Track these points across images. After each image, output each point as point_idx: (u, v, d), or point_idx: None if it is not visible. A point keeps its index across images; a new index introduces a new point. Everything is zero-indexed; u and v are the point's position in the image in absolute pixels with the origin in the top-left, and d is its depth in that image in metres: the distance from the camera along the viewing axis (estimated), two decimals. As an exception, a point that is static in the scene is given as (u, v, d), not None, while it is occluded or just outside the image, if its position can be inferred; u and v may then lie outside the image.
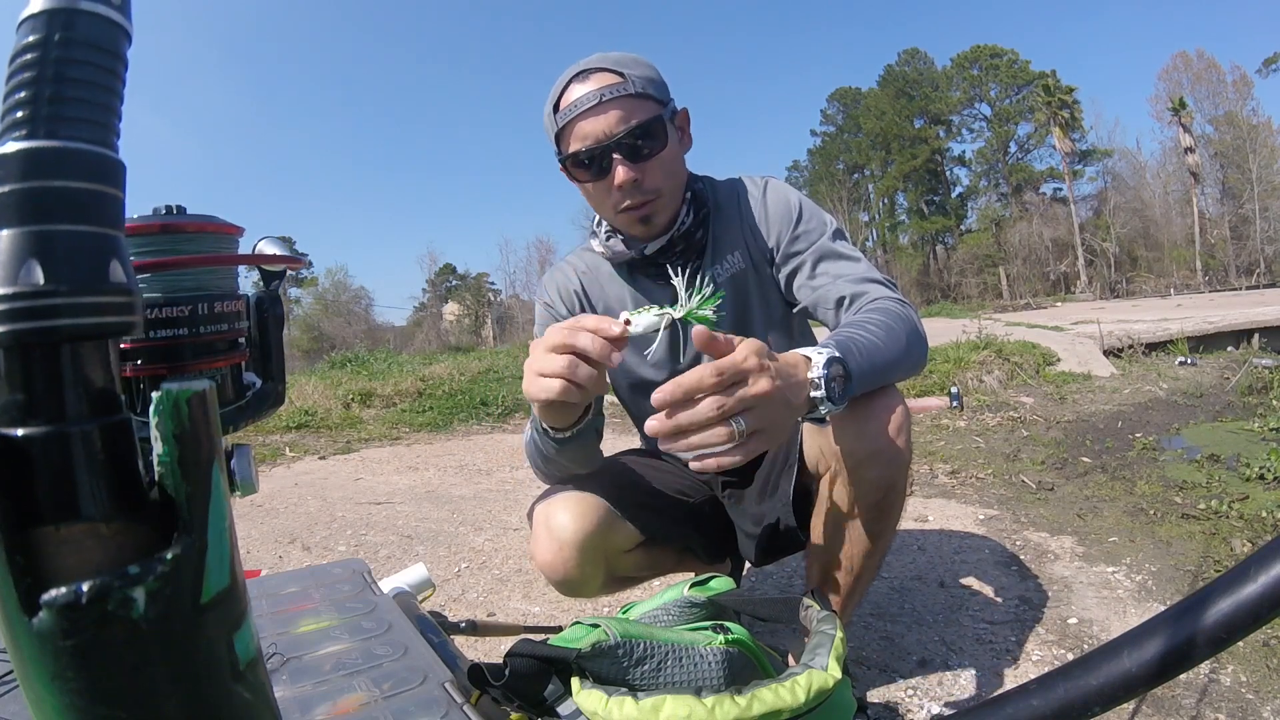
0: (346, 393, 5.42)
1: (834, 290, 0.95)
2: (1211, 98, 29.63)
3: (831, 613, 0.66)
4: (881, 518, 0.90)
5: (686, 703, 0.50)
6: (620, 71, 0.91)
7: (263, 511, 2.55)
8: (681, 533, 1.10)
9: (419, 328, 36.48)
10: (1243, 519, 1.78)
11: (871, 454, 0.85)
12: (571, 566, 0.99)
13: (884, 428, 0.85)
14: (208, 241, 0.48)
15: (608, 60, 0.92)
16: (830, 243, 0.99)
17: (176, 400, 0.21)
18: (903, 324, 0.85)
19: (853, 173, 37.62)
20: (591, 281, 1.10)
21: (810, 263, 0.99)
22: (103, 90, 0.23)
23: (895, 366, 0.83)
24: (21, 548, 0.19)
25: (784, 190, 1.05)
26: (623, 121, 0.90)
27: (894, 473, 0.87)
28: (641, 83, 0.91)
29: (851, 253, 0.99)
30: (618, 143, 0.91)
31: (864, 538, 0.90)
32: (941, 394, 4.05)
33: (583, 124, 0.91)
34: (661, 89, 0.95)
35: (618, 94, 0.90)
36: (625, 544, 1.05)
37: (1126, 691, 0.37)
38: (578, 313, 1.11)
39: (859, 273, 0.96)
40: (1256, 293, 15.68)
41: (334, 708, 0.57)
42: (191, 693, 0.20)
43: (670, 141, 0.95)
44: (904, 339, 0.84)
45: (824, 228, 1.01)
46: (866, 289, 0.93)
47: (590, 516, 1.00)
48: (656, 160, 0.93)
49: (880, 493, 0.88)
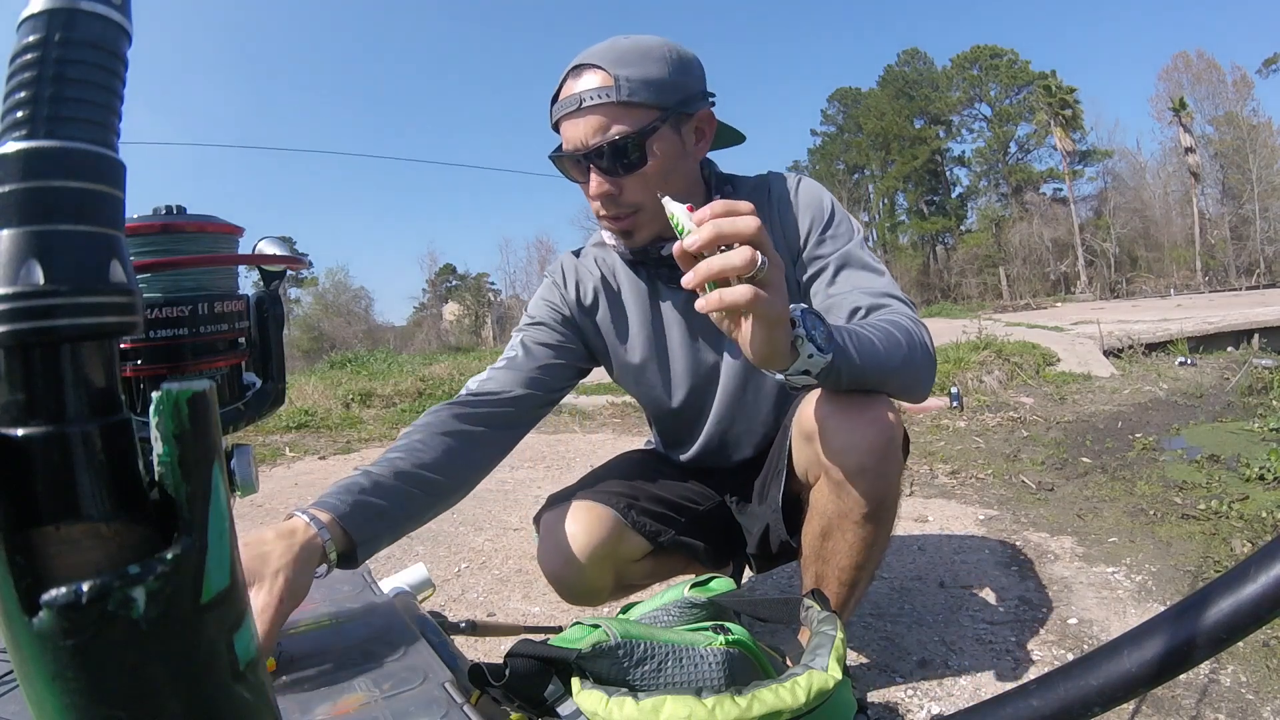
0: (346, 393, 5.42)
1: (850, 300, 0.91)
2: (1211, 98, 29.64)
3: (832, 613, 0.66)
4: (871, 530, 0.87)
5: (687, 703, 0.50)
6: (613, 73, 0.84)
7: (263, 511, 2.55)
8: (690, 542, 1.09)
9: (419, 328, 36.45)
10: (1243, 519, 1.78)
11: (858, 469, 0.83)
12: (580, 578, 0.99)
13: (871, 443, 0.82)
14: (208, 241, 0.48)
15: (610, 54, 0.86)
16: (857, 251, 0.95)
17: (176, 400, 0.20)
18: (908, 336, 0.82)
19: (853, 173, 37.60)
20: (610, 282, 1.07)
21: (833, 269, 0.94)
22: (103, 90, 0.23)
23: (889, 370, 0.79)
24: (21, 548, 0.19)
25: (817, 190, 1.00)
26: (599, 132, 0.85)
27: (882, 487, 0.85)
28: (634, 87, 0.84)
29: (876, 264, 0.95)
30: (590, 154, 0.87)
31: (854, 549, 0.88)
32: (941, 394, 4.06)
33: (565, 126, 0.88)
34: (665, 90, 0.86)
35: (599, 100, 0.84)
36: (634, 554, 1.04)
37: (1126, 691, 0.37)
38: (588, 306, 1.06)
39: (880, 286, 0.91)
40: (1256, 293, 15.68)
41: (334, 708, 0.57)
42: (191, 693, 0.20)
43: (657, 155, 0.87)
44: (904, 348, 0.81)
45: (852, 234, 0.97)
46: (885, 303, 0.89)
47: (600, 528, 0.99)
48: (636, 176, 0.88)
49: (868, 507, 0.85)
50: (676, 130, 0.90)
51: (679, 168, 0.92)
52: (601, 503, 1.01)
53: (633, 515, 1.02)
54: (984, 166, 35.11)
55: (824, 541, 0.90)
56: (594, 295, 1.06)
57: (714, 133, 0.97)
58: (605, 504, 1.01)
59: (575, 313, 1.06)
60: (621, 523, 1.01)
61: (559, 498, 1.07)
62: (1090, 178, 32.91)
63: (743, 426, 1.08)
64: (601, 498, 1.01)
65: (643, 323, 1.05)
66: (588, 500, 1.01)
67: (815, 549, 0.91)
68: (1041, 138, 32.95)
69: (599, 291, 1.06)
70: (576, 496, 1.03)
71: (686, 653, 0.58)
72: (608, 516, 1.00)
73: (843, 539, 0.88)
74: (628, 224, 0.93)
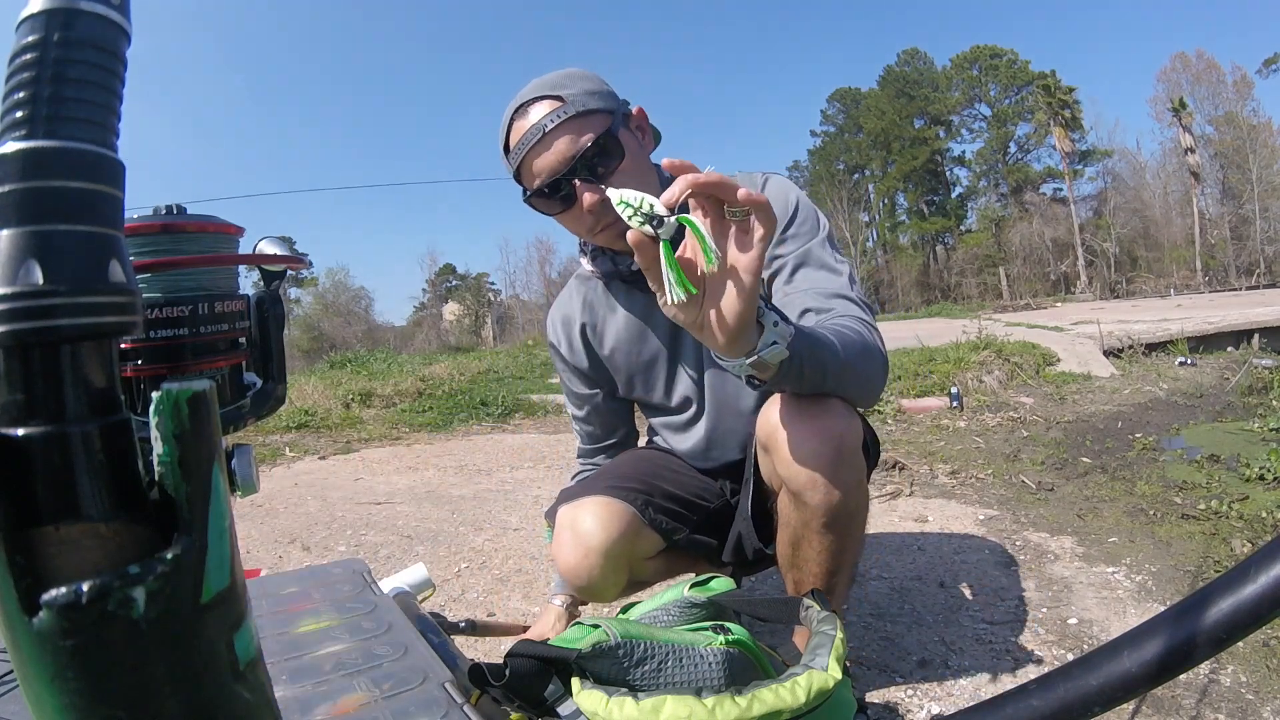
0: (346, 393, 5.42)
1: (800, 300, 0.91)
2: (1211, 98, 29.63)
3: (832, 613, 0.66)
4: (837, 537, 0.86)
5: (687, 703, 0.50)
6: (558, 95, 0.87)
7: (263, 511, 2.55)
8: (702, 540, 1.09)
9: (419, 328, 36.47)
10: (1243, 519, 1.78)
11: (810, 481, 0.82)
12: (596, 573, 0.99)
13: (820, 453, 0.81)
14: (208, 241, 0.48)
15: (544, 86, 0.89)
16: (817, 249, 0.95)
17: (176, 400, 0.20)
18: (859, 337, 0.81)
19: (853, 173, 37.61)
20: (593, 312, 1.12)
21: (790, 267, 0.94)
22: (102, 90, 0.23)
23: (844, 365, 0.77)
24: (21, 548, 0.19)
25: (783, 187, 1.01)
26: (572, 145, 0.86)
27: (839, 496, 0.83)
28: (582, 99, 0.87)
29: (835, 263, 0.94)
30: (573, 169, 0.87)
31: (824, 557, 0.87)
32: (941, 394, 4.06)
33: (534, 160, 0.88)
34: (607, 98, 0.90)
35: (560, 119, 0.86)
36: (648, 550, 1.05)
37: (1126, 691, 0.37)
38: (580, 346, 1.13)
39: (834, 287, 0.91)
40: (1256, 293, 15.69)
41: (334, 708, 0.57)
42: (191, 693, 0.20)
43: (629, 150, 0.90)
44: (858, 348, 0.80)
45: (815, 232, 0.97)
46: (833, 305, 0.88)
47: (617, 523, 0.99)
48: (620, 173, 0.89)
49: (827, 516, 0.84)
50: (628, 128, 0.93)
51: (643, 164, 0.94)
52: (619, 498, 1.01)
53: (649, 513, 1.02)
54: (984, 166, 35.11)
55: (795, 550, 0.90)
56: (582, 338, 1.13)
57: (649, 128, 0.99)
58: (623, 500, 1.01)
59: (584, 359, 1.14)
60: (639, 519, 1.01)
61: (573, 493, 1.07)
62: (1090, 178, 32.95)
63: (730, 425, 1.09)
64: (618, 493, 1.01)
65: (634, 338, 1.09)
66: (605, 495, 1.01)
67: (789, 557, 0.91)
68: (1041, 138, 32.96)
69: (586, 329, 1.12)
70: (593, 491, 1.03)
71: (687, 653, 0.58)
72: (625, 512, 1.00)
73: (810, 548, 0.88)
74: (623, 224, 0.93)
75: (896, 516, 2.05)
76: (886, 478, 2.50)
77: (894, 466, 2.60)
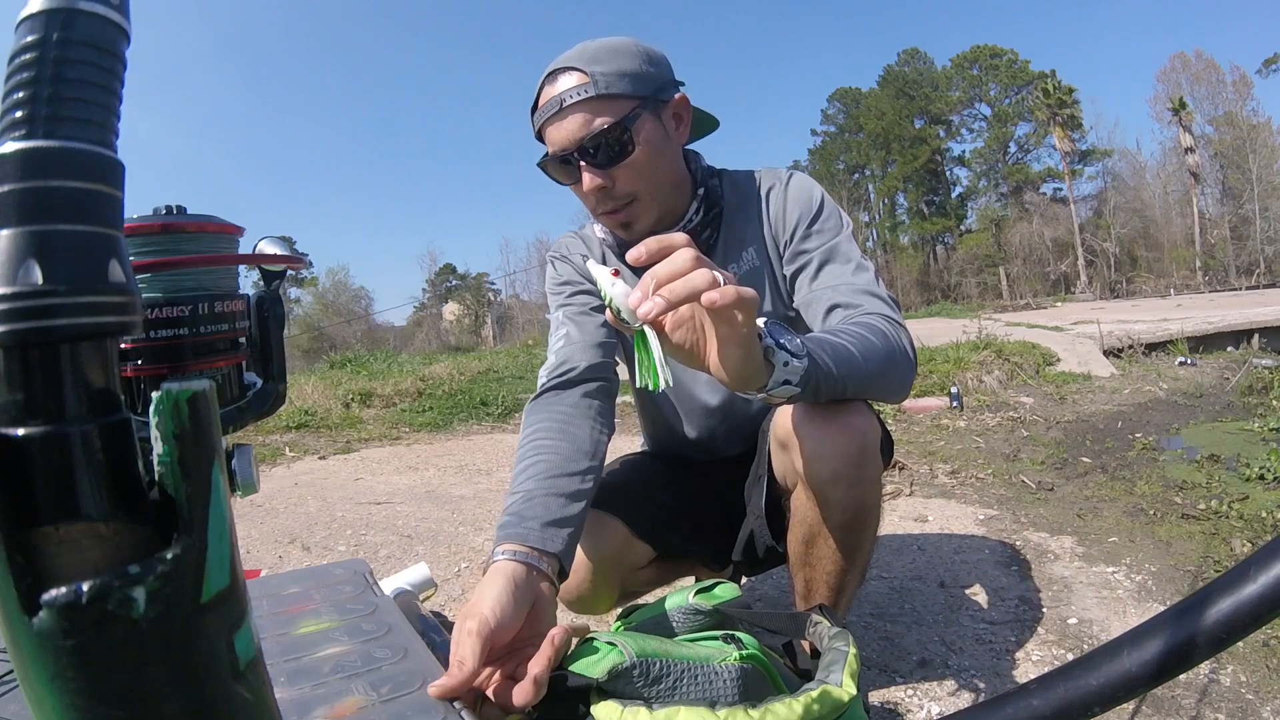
0: (346, 393, 5.42)
1: (828, 296, 0.89)
2: (1211, 98, 29.64)
3: (843, 629, 0.65)
4: (854, 536, 0.86)
5: (700, 714, 0.50)
6: (588, 70, 0.85)
7: (263, 511, 2.55)
8: (695, 547, 1.08)
9: (419, 328, 36.47)
10: (1243, 519, 1.78)
11: (832, 476, 0.82)
12: (587, 588, 0.98)
13: (844, 450, 0.81)
14: (208, 241, 0.47)
15: (582, 55, 0.86)
16: (844, 244, 0.93)
17: (176, 400, 0.20)
18: (884, 341, 0.80)
19: (853, 173, 37.60)
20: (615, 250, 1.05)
21: (816, 264, 0.93)
22: (101, 90, 0.23)
23: (866, 376, 0.76)
24: (21, 548, 0.19)
25: (808, 185, 0.99)
26: (584, 127, 0.85)
27: (859, 493, 0.83)
28: (609, 80, 0.85)
29: (861, 261, 0.93)
30: (580, 150, 0.87)
31: (838, 555, 0.87)
32: (941, 394, 4.05)
33: (549, 129, 0.88)
34: (640, 81, 0.87)
35: (580, 97, 0.84)
36: (639, 561, 1.04)
37: (1126, 691, 0.37)
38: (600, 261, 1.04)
39: (861, 283, 0.89)
40: (1256, 293, 15.66)
41: (331, 711, 0.57)
42: (191, 693, 0.20)
43: (644, 142, 0.88)
44: (881, 352, 0.78)
45: (840, 229, 0.95)
46: (861, 301, 0.87)
47: (607, 539, 0.99)
48: (627, 164, 0.88)
49: (847, 514, 0.84)
50: (657, 117, 0.91)
51: (665, 153, 0.92)
52: (608, 512, 1.00)
53: (639, 523, 1.02)
54: (984, 166, 35.14)
55: (808, 548, 0.89)
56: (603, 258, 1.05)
57: (691, 118, 0.97)
58: (611, 513, 1.00)
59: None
60: (628, 532, 1.01)
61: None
62: (1090, 177, 32.97)
63: (732, 421, 1.08)
64: (607, 506, 1.01)
65: None
66: (595, 509, 1.00)
67: (800, 555, 0.91)
68: (1041, 138, 32.98)
69: (607, 256, 1.05)
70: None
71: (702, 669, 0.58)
72: (614, 526, 1.00)
73: (825, 545, 0.87)
74: (625, 215, 0.92)
75: (896, 516, 2.04)
76: (886, 478, 2.50)
77: (894, 466, 2.60)
